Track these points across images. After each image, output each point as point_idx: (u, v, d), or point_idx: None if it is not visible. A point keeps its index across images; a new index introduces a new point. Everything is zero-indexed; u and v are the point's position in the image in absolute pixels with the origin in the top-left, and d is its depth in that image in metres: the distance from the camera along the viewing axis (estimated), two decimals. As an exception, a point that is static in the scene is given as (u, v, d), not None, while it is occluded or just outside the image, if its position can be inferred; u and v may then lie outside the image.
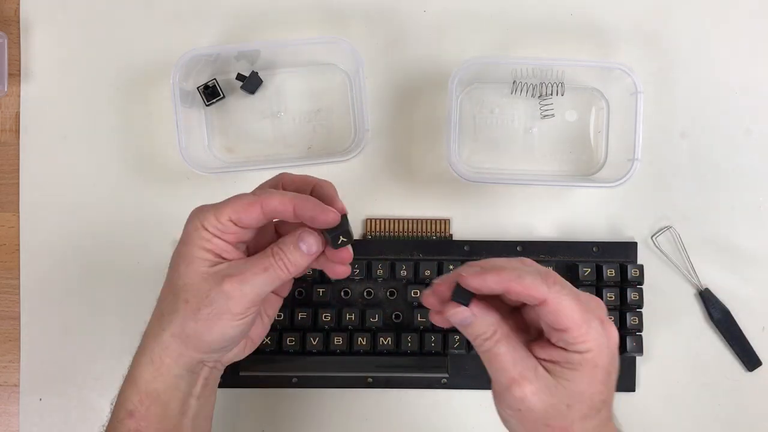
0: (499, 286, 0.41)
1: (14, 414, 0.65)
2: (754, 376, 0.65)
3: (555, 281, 0.42)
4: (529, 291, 0.41)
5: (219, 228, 0.45)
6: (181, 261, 0.46)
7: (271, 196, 0.45)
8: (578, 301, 0.42)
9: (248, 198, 0.45)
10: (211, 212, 0.45)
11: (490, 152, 0.66)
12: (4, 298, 0.66)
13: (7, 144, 0.67)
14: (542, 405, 0.42)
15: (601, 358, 0.42)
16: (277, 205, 0.45)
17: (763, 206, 0.66)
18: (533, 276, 0.41)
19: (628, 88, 0.61)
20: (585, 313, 0.42)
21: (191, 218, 0.46)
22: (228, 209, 0.45)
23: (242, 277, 0.44)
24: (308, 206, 0.45)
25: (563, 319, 0.41)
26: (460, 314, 0.43)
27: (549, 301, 0.41)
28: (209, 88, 0.65)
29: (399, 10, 0.67)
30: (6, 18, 0.67)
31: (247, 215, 0.45)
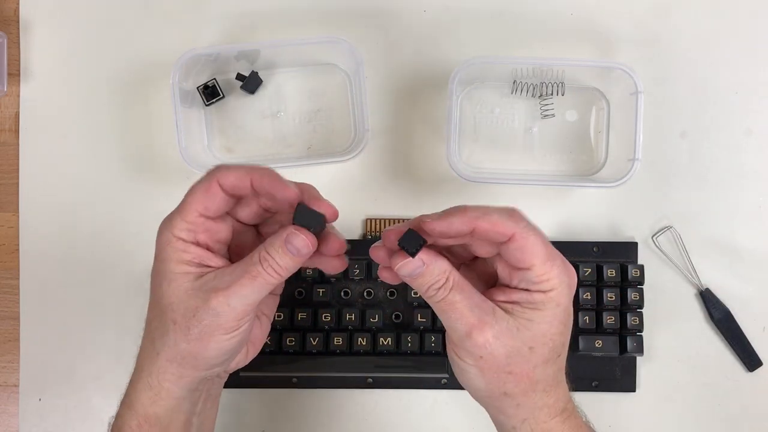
0: (465, 226, 0.40)
1: (14, 414, 0.65)
2: (755, 376, 0.65)
3: (521, 218, 0.41)
4: (497, 227, 0.40)
5: (190, 229, 0.42)
6: (162, 279, 0.43)
7: (226, 172, 0.42)
8: (543, 238, 0.41)
9: (204, 182, 0.42)
10: (176, 217, 0.43)
11: (490, 152, 0.66)
12: (4, 298, 0.66)
13: (7, 144, 0.67)
14: (505, 349, 0.41)
15: (562, 297, 0.41)
16: (233, 180, 0.42)
17: (763, 206, 0.66)
18: (500, 213, 0.41)
19: (628, 88, 0.61)
20: (550, 250, 0.41)
21: (160, 231, 0.43)
22: (191, 203, 0.42)
23: (229, 290, 0.41)
24: (265, 178, 0.42)
25: (529, 256, 0.40)
26: (410, 265, 0.41)
27: (516, 237, 0.40)
28: (209, 88, 0.65)
29: (399, 10, 0.67)
30: (6, 18, 0.67)
31: (210, 200, 0.42)
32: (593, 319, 0.62)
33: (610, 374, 0.64)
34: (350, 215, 0.66)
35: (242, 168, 0.42)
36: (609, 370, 0.64)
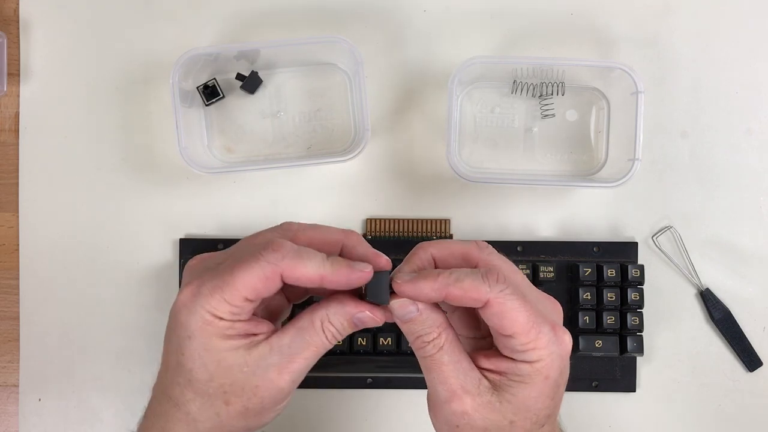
0: (436, 293, 0.37)
1: (13, 414, 0.65)
2: (755, 376, 0.65)
3: (499, 279, 0.37)
4: (469, 294, 0.37)
5: (235, 312, 0.37)
6: (208, 358, 0.37)
7: (293, 266, 0.37)
8: (525, 302, 0.37)
9: (263, 269, 0.37)
10: (217, 296, 0.37)
11: (490, 152, 0.66)
12: (4, 298, 0.66)
13: (7, 144, 0.67)
14: (483, 422, 0.38)
15: (551, 369, 0.38)
16: (300, 276, 0.37)
17: (763, 206, 0.66)
18: (473, 276, 0.37)
19: (628, 88, 0.61)
20: (534, 316, 0.37)
21: (189, 310, 0.37)
22: (241, 287, 0.36)
23: (293, 366, 0.38)
24: (341, 276, 0.38)
25: (508, 323, 0.37)
26: (404, 306, 0.38)
27: (491, 302, 0.37)
28: (209, 88, 0.65)
29: (399, 10, 0.67)
30: (6, 18, 0.67)
31: (266, 290, 0.37)
32: (593, 319, 0.62)
33: (610, 374, 0.64)
34: (350, 215, 0.66)
35: (313, 262, 0.37)
36: (609, 370, 0.64)
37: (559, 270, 0.64)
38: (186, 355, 0.38)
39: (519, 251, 0.65)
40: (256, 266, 0.37)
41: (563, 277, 0.64)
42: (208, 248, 0.65)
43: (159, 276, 0.66)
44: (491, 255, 0.40)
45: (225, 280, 0.37)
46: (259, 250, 0.37)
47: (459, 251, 0.40)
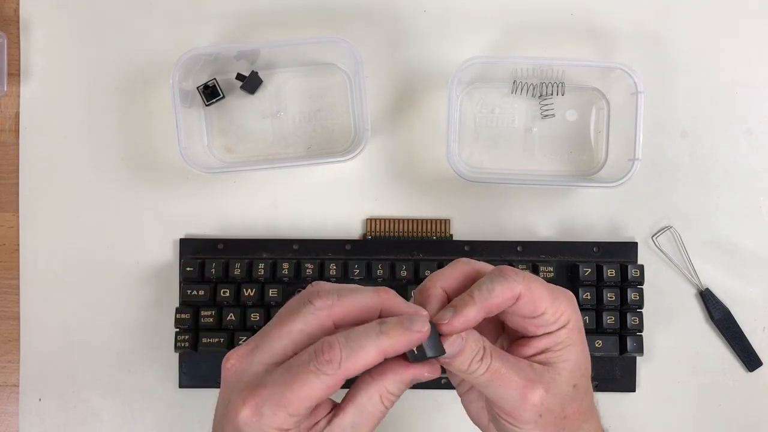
0: (480, 314, 0.39)
1: (14, 414, 0.65)
2: (755, 376, 0.65)
3: (516, 273, 0.40)
4: (504, 295, 0.39)
5: (299, 420, 0.36)
6: None
7: (354, 363, 0.36)
8: (541, 281, 0.41)
9: (324, 381, 0.35)
10: (281, 413, 0.35)
11: (490, 152, 0.66)
12: (4, 298, 0.66)
13: (7, 144, 0.67)
14: (557, 398, 0.40)
15: (578, 322, 0.42)
16: (363, 367, 0.36)
17: (763, 206, 0.66)
18: (498, 281, 0.40)
19: (628, 88, 0.61)
20: (555, 291, 0.41)
21: (256, 429, 0.36)
22: (305, 401, 0.35)
23: None
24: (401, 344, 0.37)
25: (540, 304, 0.40)
26: (453, 344, 0.38)
27: (523, 294, 0.40)
28: (209, 88, 0.65)
29: (399, 10, 0.67)
30: (6, 18, 0.67)
31: (328, 395, 0.36)
32: (593, 319, 0.62)
33: (610, 374, 0.64)
34: (350, 215, 0.66)
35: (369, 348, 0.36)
36: (609, 370, 0.64)
37: (559, 270, 0.64)
38: None
39: (519, 251, 0.65)
40: (315, 380, 0.35)
41: (563, 277, 0.64)
42: (208, 248, 0.65)
43: (159, 276, 0.66)
44: (479, 262, 0.42)
45: (287, 398, 0.35)
46: (312, 363, 0.36)
47: (459, 275, 0.42)
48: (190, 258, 0.65)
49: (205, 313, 0.62)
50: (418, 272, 0.63)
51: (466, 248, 0.64)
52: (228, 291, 0.62)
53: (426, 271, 0.62)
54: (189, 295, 0.62)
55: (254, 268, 0.63)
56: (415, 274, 0.63)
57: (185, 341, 0.62)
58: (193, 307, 0.63)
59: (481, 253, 0.64)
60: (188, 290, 0.62)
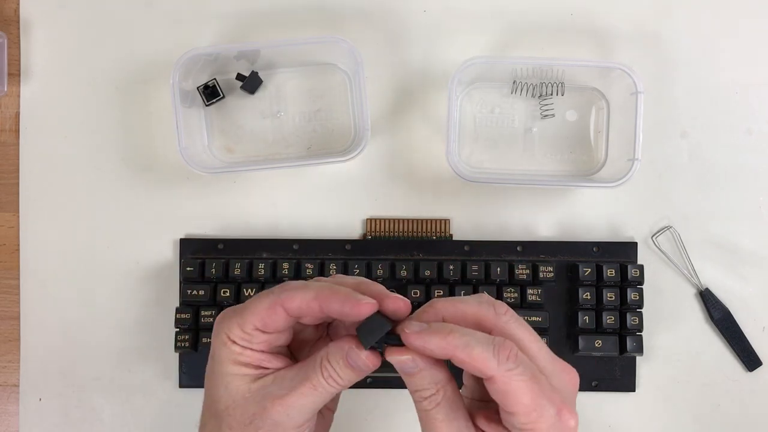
0: (441, 352, 0.36)
1: (14, 414, 0.65)
2: (754, 376, 0.65)
3: (510, 356, 0.36)
4: (476, 364, 0.36)
5: (246, 339, 0.39)
6: (219, 381, 0.40)
7: (292, 295, 0.39)
8: (532, 382, 0.36)
9: (268, 299, 0.39)
10: (234, 321, 0.39)
11: (490, 152, 0.66)
12: (4, 298, 0.66)
13: (7, 144, 0.67)
14: None
15: None
16: (299, 304, 0.38)
17: (763, 206, 0.66)
18: (484, 347, 0.36)
19: (628, 88, 0.61)
20: (539, 397, 0.36)
21: (217, 331, 0.40)
22: (251, 316, 0.39)
23: (288, 399, 0.38)
24: (335, 300, 0.38)
25: (511, 402, 0.36)
26: (403, 363, 0.38)
27: (496, 379, 0.36)
28: (209, 88, 0.65)
29: (399, 10, 0.67)
30: (6, 18, 0.67)
31: (271, 320, 0.39)
32: (593, 319, 0.62)
33: (610, 374, 0.64)
34: (350, 215, 0.66)
35: (310, 291, 0.38)
36: (609, 370, 0.64)
37: (558, 270, 0.64)
38: (207, 377, 0.41)
39: (519, 251, 0.65)
40: (264, 298, 0.39)
41: (563, 277, 0.64)
42: (208, 248, 0.65)
43: (159, 276, 0.66)
44: (508, 323, 0.38)
45: (242, 309, 0.40)
46: (274, 287, 0.40)
47: (472, 315, 0.38)
48: (190, 258, 0.65)
49: (205, 313, 0.62)
50: (418, 272, 0.63)
51: (465, 248, 0.64)
52: (228, 291, 0.62)
53: (425, 271, 0.62)
54: (189, 295, 0.62)
55: (254, 268, 0.63)
56: (415, 274, 0.63)
57: (185, 341, 0.62)
58: (193, 307, 0.63)
59: (481, 253, 0.64)
60: (188, 290, 0.62)
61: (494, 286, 0.63)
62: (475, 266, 0.62)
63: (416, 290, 0.62)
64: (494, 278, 0.62)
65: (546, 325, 0.62)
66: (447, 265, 0.62)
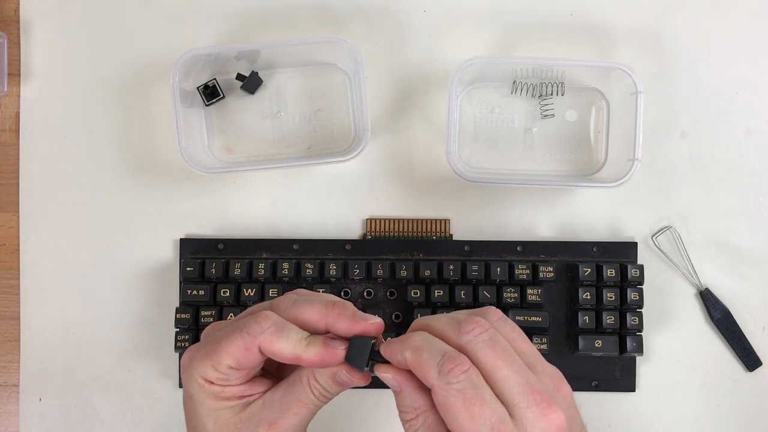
0: (401, 356, 0.36)
1: (14, 414, 0.65)
2: (754, 376, 0.65)
3: (454, 370, 0.34)
4: (419, 369, 0.35)
5: (222, 378, 0.39)
6: (206, 417, 0.39)
7: (272, 342, 0.38)
8: (474, 404, 0.34)
9: (243, 340, 0.38)
10: (207, 363, 0.39)
11: (490, 152, 0.66)
12: (4, 298, 0.66)
13: (7, 144, 0.67)
14: None
15: None
16: (276, 351, 0.38)
17: (763, 206, 0.66)
18: (432, 353, 0.35)
19: (628, 88, 0.61)
20: (478, 425, 0.33)
21: (189, 373, 0.40)
22: (225, 357, 0.38)
23: (281, 422, 0.39)
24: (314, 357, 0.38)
25: (448, 419, 0.34)
26: (385, 379, 0.38)
27: (435, 391, 0.35)
28: (209, 88, 0.65)
29: (399, 10, 0.67)
30: (6, 18, 0.67)
31: (247, 360, 0.38)
32: (593, 319, 0.62)
33: (609, 374, 0.64)
34: (350, 215, 0.66)
35: (289, 342, 0.38)
36: (609, 370, 0.64)
37: (558, 270, 0.64)
38: (189, 414, 0.41)
39: (519, 251, 0.65)
40: (238, 338, 0.38)
41: (563, 277, 0.64)
42: (208, 248, 0.65)
43: (159, 276, 0.66)
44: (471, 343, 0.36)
45: (213, 349, 0.39)
46: (245, 322, 0.39)
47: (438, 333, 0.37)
48: (190, 258, 0.65)
49: (205, 313, 0.62)
50: (418, 272, 0.63)
51: (465, 248, 0.64)
52: (228, 291, 0.62)
53: (425, 271, 0.62)
54: (189, 295, 0.62)
55: (254, 268, 0.63)
56: (415, 274, 0.63)
57: (185, 341, 0.62)
58: (193, 307, 0.63)
59: (481, 252, 0.64)
60: (188, 290, 0.62)
61: (494, 286, 0.63)
62: (475, 266, 0.62)
63: (416, 290, 0.62)
64: (494, 278, 0.62)
65: (546, 325, 0.62)
66: (447, 265, 0.62)
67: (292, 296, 0.41)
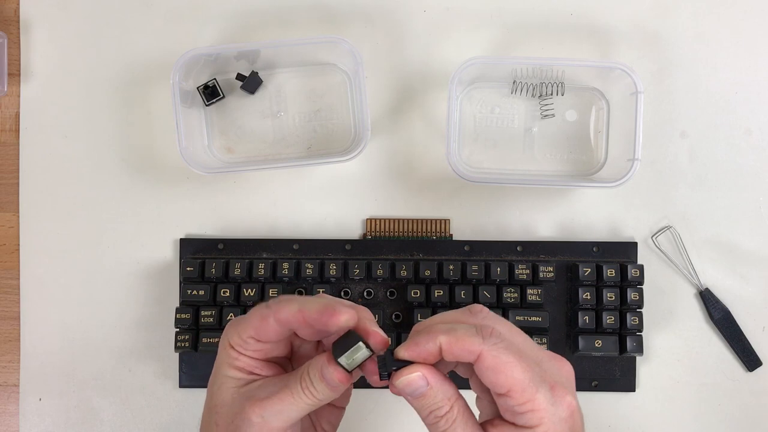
0: (433, 345, 0.37)
1: (14, 414, 0.65)
2: (754, 376, 0.65)
3: (494, 333, 0.36)
4: (461, 343, 0.36)
5: (242, 345, 0.41)
6: (216, 381, 0.42)
7: (281, 307, 0.40)
8: (521, 358, 0.36)
9: (261, 311, 0.41)
10: (234, 329, 0.42)
11: (490, 152, 0.66)
12: (4, 298, 0.66)
13: (7, 144, 0.67)
14: None
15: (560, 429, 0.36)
16: (286, 315, 0.40)
17: (763, 206, 0.66)
18: (466, 328, 0.37)
19: (628, 88, 0.61)
20: (530, 373, 0.36)
21: (222, 337, 0.43)
22: (247, 325, 0.41)
23: (265, 402, 0.40)
24: (314, 313, 0.39)
25: (502, 379, 0.36)
26: (413, 383, 0.38)
27: (484, 355, 0.36)
28: (209, 88, 0.65)
29: (399, 10, 0.67)
30: (6, 18, 0.67)
31: (263, 330, 0.40)
32: (593, 319, 0.62)
33: (609, 374, 0.64)
34: (350, 215, 0.66)
35: (295, 303, 0.40)
36: (609, 369, 0.64)
37: (558, 270, 0.64)
38: (210, 377, 0.43)
39: (519, 251, 0.65)
40: (259, 309, 0.41)
41: (563, 277, 0.64)
42: (208, 248, 0.65)
43: (159, 276, 0.66)
44: (486, 318, 0.39)
45: (244, 318, 0.42)
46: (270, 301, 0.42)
47: (452, 320, 0.39)
48: (190, 258, 0.65)
49: (205, 312, 0.62)
50: (418, 272, 0.63)
51: (465, 248, 0.64)
52: (228, 291, 0.62)
53: (425, 271, 0.62)
54: (189, 295, 0.62)
55: (254, 268, 0.63)
56: (415, 274, 0.63)
57: (185, 341, 0.62)
58: (193, 306, 0.63)
59: (481, 252, 0.64)
60: (188, 290, 0.62)
61: (494, 286, 0.63)
62: (475, 266, 0.62)
63: (416, 290, 0.62)
64: (494, 278, 0.62)
65: (546, 325, 0.62)
66: (447, 265, 0.62)
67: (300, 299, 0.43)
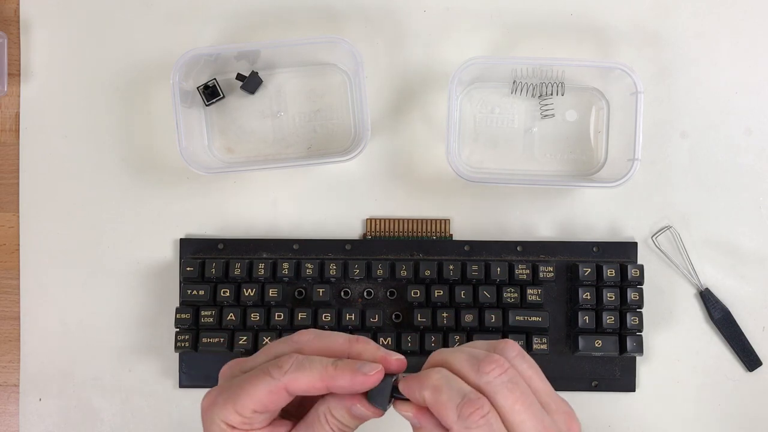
0: (420, 394, 0.37)
1: (14, 414, 0.65)
2: (754, 376, 0.65)
3: (474, 415, 0.35)
4: (438, 410, 0.36)
5: (246, 422, 0.39)
6: None
7: (295, 377, 0.38)
8: None
9: (267, 385, 0.38)
10: (229, 407, 0.38)
11: (490, 152, 0.66)
12: (4, 298, 0.66)
13: (7, 144, 0.67)
14: None
15: None
16: (305, 387, 0.38)
17: (763, 206, 0.66)
18: (452, 395, 0.35)
19: (628, 88, 0.61)
20: None
21: (210, 417, 0.39)
22: (248, 401, 0.38)
23: None
24: (343, 379, 0.37)
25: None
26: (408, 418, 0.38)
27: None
28: (209, 88, 0.65)
29: (399, 10, 0.67)
30: (6, 18, 0.67)
31: (273, 404, 0.38)
32: (593, 319, 0.62)
33: (609, 374, 0.64)
34: (350, 215, 0.66)
35: (314, 373, 0.38)
36: (609, 369, 0.64)
37: (558, 270, 0.64)
38: None
39: (519, 251, 0.65)
40: (262, 382, 0.38)
41: (563, 277, 0.64)
42: (208, 248, 0.65)
43: (159, 276, 0.66)
44: (491, 384, 0.37)
45: (236, 393, 0.38)
46: (267, 366, 0.39)
47: (456, 371, 0.38)
48: (190, 258, 0.65)
49: (205, 312, 0.62)
50: (418, 272, 0.63)
51: (465, 248, 0.64)
52: (228, 291, 0.62)
53: (425, 271, 0.62)
54: (189, 295, 0.62)
55: (254, 268, 0.63)
56: (415, 274, 0.63)
57: (185, 341, 0.62)
58: (193, 306, 0.63)
59: (481, 252, 0.64)
60: (188, 290, 0.62)
61: (494, 286, 0.63)
62: (475, 266, 0.62)
63: (416, 290, 0.62)
64: (494, 278, 0.62)
65: (546, 325, 0.62)
66: (447, 265, 0.62)
67: (312, 331, 0.41)
